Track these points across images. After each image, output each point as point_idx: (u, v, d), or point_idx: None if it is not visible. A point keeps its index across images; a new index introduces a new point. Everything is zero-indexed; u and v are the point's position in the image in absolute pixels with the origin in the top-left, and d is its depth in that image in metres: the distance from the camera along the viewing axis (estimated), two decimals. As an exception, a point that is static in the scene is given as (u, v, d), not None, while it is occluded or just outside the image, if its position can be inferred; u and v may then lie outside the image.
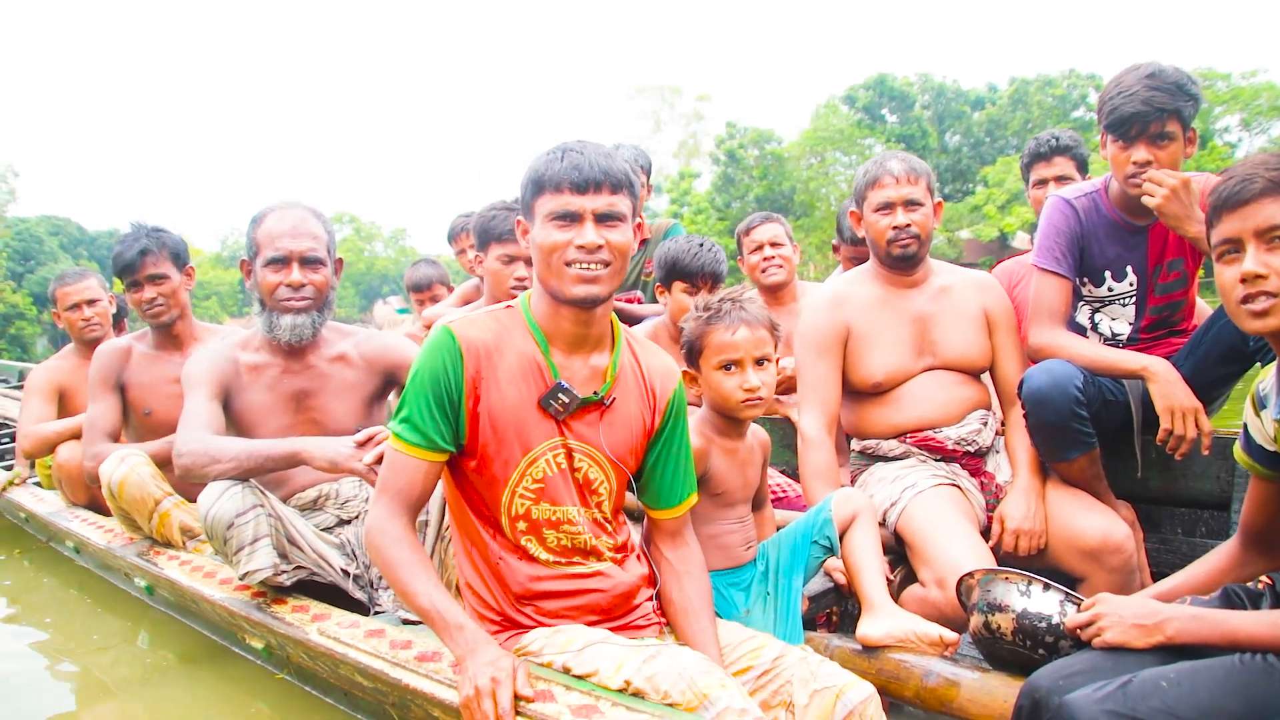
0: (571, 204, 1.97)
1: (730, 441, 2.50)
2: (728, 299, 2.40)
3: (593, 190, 1.97)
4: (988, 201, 36.01)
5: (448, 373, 2.01)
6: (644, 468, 2.25)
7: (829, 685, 2.04)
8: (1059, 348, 2.92)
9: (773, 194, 40.13)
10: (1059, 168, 3.84)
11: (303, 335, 2.93)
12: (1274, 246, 1.81)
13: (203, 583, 3.02)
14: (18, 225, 47.22)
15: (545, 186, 1.99)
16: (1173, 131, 2.78)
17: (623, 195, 2.01)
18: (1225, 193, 1.87)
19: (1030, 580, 2.22)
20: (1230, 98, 34.53)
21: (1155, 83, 2.75)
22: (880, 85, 43.77)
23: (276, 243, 2.89)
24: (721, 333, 2.36)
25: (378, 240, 71.25)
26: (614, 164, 2.00)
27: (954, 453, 3.03)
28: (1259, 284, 1.83)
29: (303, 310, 2.91)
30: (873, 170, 3.05)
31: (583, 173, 1.96)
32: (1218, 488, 3.11)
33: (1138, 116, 2.77)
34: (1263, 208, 1.82)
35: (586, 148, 2.01)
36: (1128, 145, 2.82)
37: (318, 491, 3.00)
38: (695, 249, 3.17)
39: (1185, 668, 1.73)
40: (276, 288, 2.89)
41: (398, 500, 2.06)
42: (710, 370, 2.40)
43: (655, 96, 56.37)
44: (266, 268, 2.90)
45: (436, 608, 1.97)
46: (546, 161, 2.00)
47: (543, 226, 2.00)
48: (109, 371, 3.78)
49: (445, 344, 2.03)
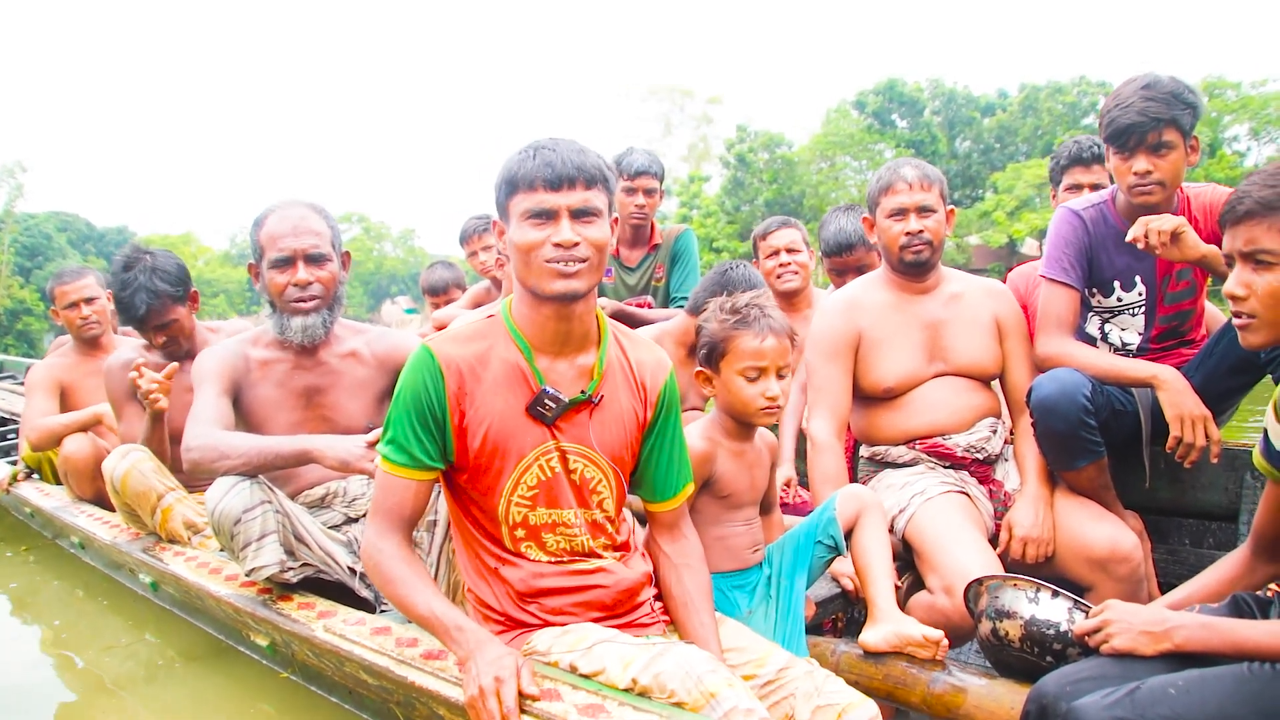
0: (546, 201, 1.95)
1: (738, 444, 2.50)
2: (754, 305, 2.38)
3: (566, 186, 1.95)
4: (997, 208, 35.97)
5: (429, 391, 2.02)
6: (638, 461, 2.25)
7: (832, 703, 2.03)
8: (1067, 356, 2.92)
9: (782, 198, 40.14)
10: (1097, 175, 3.74)
11: (315, 336, 2.93)
12: (1258, 267, 1.84)
13: (208, 579, 3.02)
14: (26, 221, 47.29)
15: (519, 185, 1.97)
16: (1171, 140, 2.79)
17: (597, 190, 2.00)
18: (1225, 209, 1.91)
19: (1039, 587, 2.22)
20: (1239, 106, 34.47)
21: (1151, 93, 2.77)
22: (890, 90, 43.76)
23: (279, 243, 2.88)
24: (750, 340, 2.35)
25: (386, 240, 71.44)
26: (587, 159, 1.98)
27: (963, 460, 3.03)
28: (1239, 304, 1.88)
29: (312, 310, 2.91)
30: (886, 176, 3.05)
31: (555, 169, 1.94)
32: (1226, 499, 3.10)
33: (1135, 128, 2.79)
34: (1247, 229, 1.85)
35: (559, 144, 1.99)
36: (1128, 156, 2.85)
37: (326, 489, 2.99)
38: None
39: (1194, 675, 1.73)
40: (284, 289, 2.89)
41: (390, 519, 2.07)
42: (732, 375, 2.38)
43: (666, 99, 56.49)
44: (273, 270, 2.89)
45: (436, 614, 1.98)
46: (519, 160, 1.99)
47: (519, 226, 1.98)
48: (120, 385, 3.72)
49: (424, 363, 2.03)
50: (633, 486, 2.29)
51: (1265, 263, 1.83)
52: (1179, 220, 2.71)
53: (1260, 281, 1.84)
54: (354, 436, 2.61)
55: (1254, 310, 1.85)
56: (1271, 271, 1.82)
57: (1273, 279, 1.82)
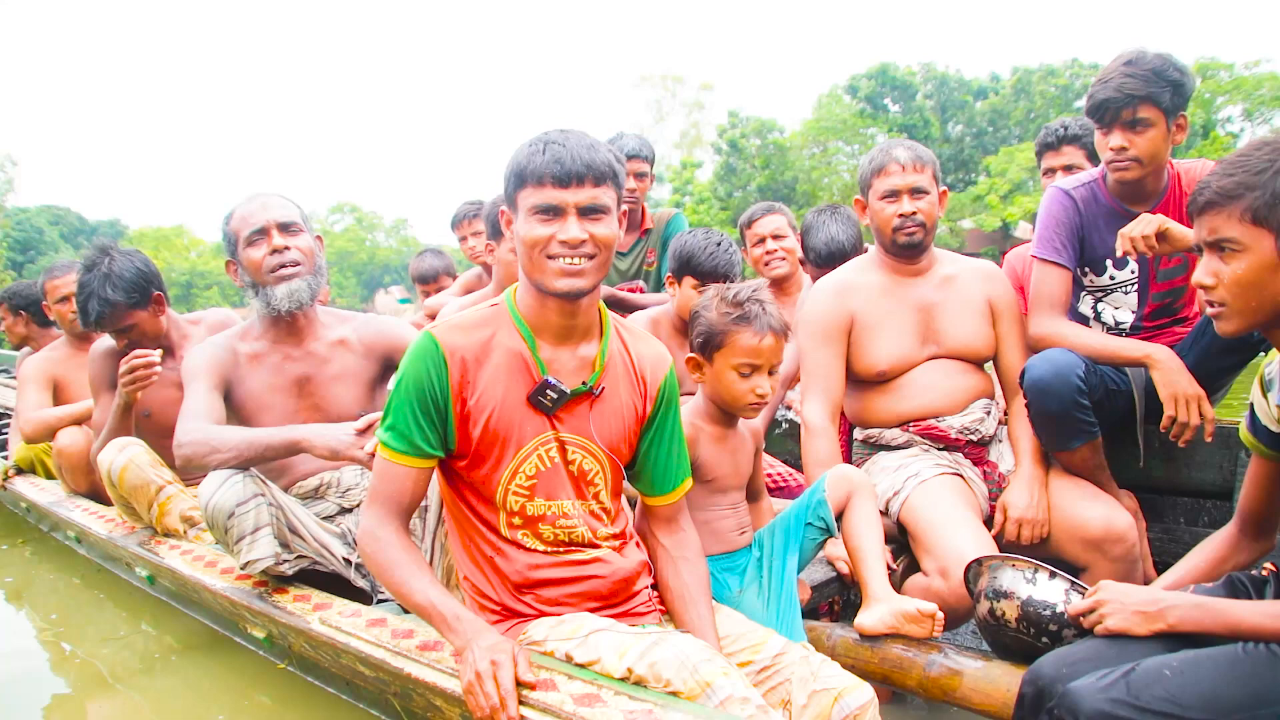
0: (554, 198, 1.95)
1: (720, 429, 2.50)
2: (754, 300, 2.37)
3: (575, 184, 1.95)
4: (990, 191, 35.89)
5: (432, 380, 2.02)
6: (637, 455, 2.25)
7: (828, 687, 2.03)
8: (1060, 337, 2.92)
9: (775, 184, 40.01)
10: (1068, 157, 3.83)
11: (301, 300, 2.90)
12: (1224, 255, 1.84)
13: (204, 572, 3.01)
14: (18, 215, 47.16)
15: (527, 179, 1.97)
16: (1148, 118, 2.80)
17: (606, 187, 1.99)
18: (1189, 201, 1.93)
19: (1036, 568, 2.22)
20: (1233, 88, 34.37)
21: (1131, 70, 2.79)
22: (883, 75, 43.63)
23: (250, 220, 2.90)
24: (750, 337, 2.35)
25: (379, 230, 71.15)
26: (597, 156, 1.97)
27: (957, 442, 3.03)
28: (1209, 293, 1.88)
29: (294, 276, 2.89)
30: (879, 158, 3.03)
31: (565, 166, 1.94)
32: (1220, 477, 3.11)
33: (1110, 103, 2.81)
34: (1210, 219, 1.85)
35: (569, 139, 1.98)
36: (1106, 131, 2.87)
37: (319, 480, 2.99)
38: (712, 247, 3.14)
39: (1189, 656, 1.73)
40: (262, 261, 2.88)
41: (388, 506, 2.08)
42: (725, 368, 2.39)
43: (658, 85, 56.34)
44: (249, 248, 2.90)
45: (433, 602, 1.98)
46: (529, 153, 1.98)
47: (526, 220, 1.98)
48: (99, 373, 3.73)
49: (429, 351, 2.03)
50: (631, 480, 2.29)
51: (1229, 250, 1.83)
52: (1156, 219, 2.69)
53: (1226, 270, 1.84)
54: (344, 425, 2.60)
55: (1223, 299, 1.86)
56: (1236, 259, 1.82)
57: (1237, 267, 1.82)
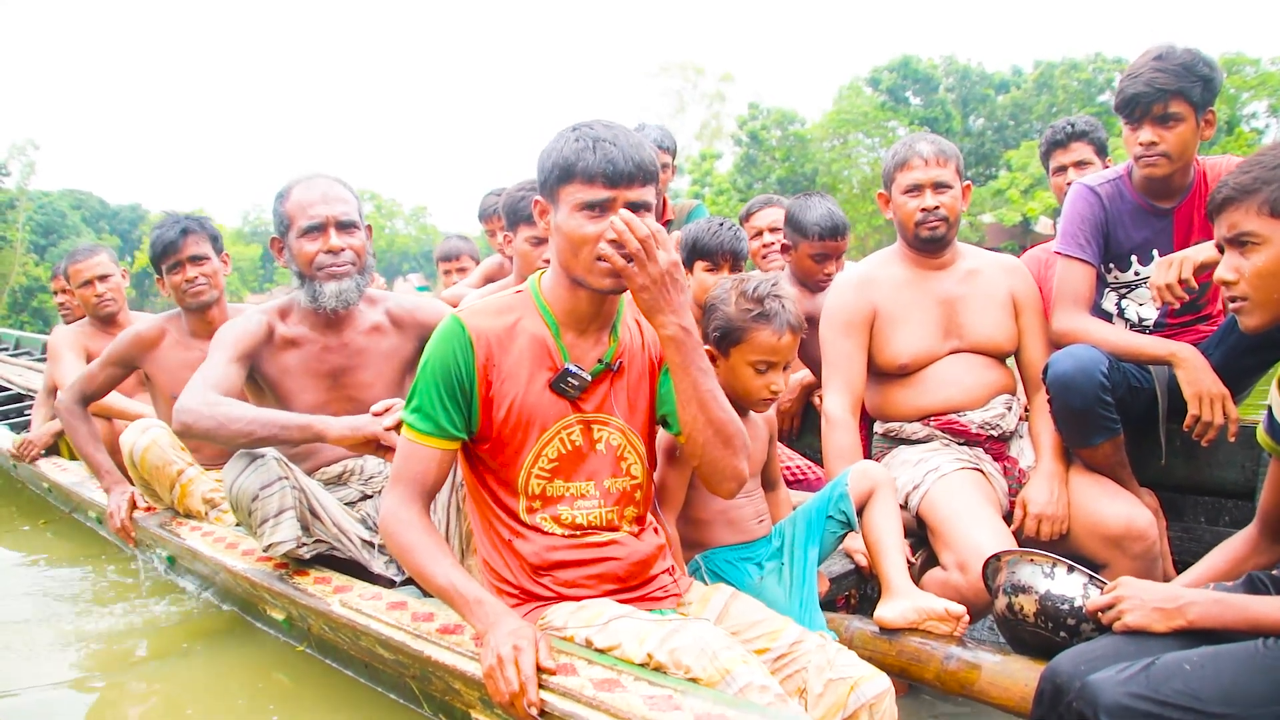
0: (605, 196, 1.96)
1: None
2: (773, 296, 2.38)
3: (625, 184, 1.96)
4: (1011, 186, 35.64)
5: (458, 362, 2.03)
6: (657, 403, 2.24)
7: (844, 676, 2.03)
8: (1084, 333, 2.90)
9: (795, 175, 39.87)
10: (1076, 153, 3.85)
11: (349, 300, 2.87)
12: (1244, 250, 1.87)
13: (225, 553, 3.04)
14: (40, 199, 47.37)
15: (575, 175, 1.97)
16: (1178, 113, 2.78)
17: (651, 186, 2.01)
18: (1207, 203, 1.97)
19: (1055, 562, 2.22)
20: (1258, 83, 34.01)
21: (1161, 64, 2.77)
22: (904, 67, 43.30)
23: (309, 210, 2.83)
24: (769, 335, 2.36)
25: (398, 218, 71.34)
26: (645, 155, 1.98)
27: (977, 436, 3.02)
28: (1231, 289, 1.91)
29: (345, 275, 2.85)
30: (901, 152, 3.03)
31: (617, 166, 1.94)
32: (1242, 477, 3.09)
33: (1140, 98, 2.79)
34: (1229, 215, 1.89)
35: (618, 138, 1.98)
36: (1136, 127, 2.86)
37: (343, 466, 3.00)
38: (715, 228, 3.17)
39: (1208, 651, 1.73)
40: (315, 256, 2.83)
41: (411, 488, 2.09)
42: (742, 364, 2.40)
43: (678, 75, 56.17)
44: (303, 238, 2.84)
45: (455, 585, 1.99)
46: (577, 149, 1.97)
47: (571, 215, 1.99)
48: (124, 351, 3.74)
49: (455, 333, 2.05)
50: (668, 427, 2.28)
51: (1249, 244, 1.86)
52: (1182, 256, 2.65)
53: (1247, 264, 1.87)
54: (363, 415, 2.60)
55: (1245, 293, 1.88)
56: (1256, 252, 1.85)
57: (1258, 259, 1.85)
